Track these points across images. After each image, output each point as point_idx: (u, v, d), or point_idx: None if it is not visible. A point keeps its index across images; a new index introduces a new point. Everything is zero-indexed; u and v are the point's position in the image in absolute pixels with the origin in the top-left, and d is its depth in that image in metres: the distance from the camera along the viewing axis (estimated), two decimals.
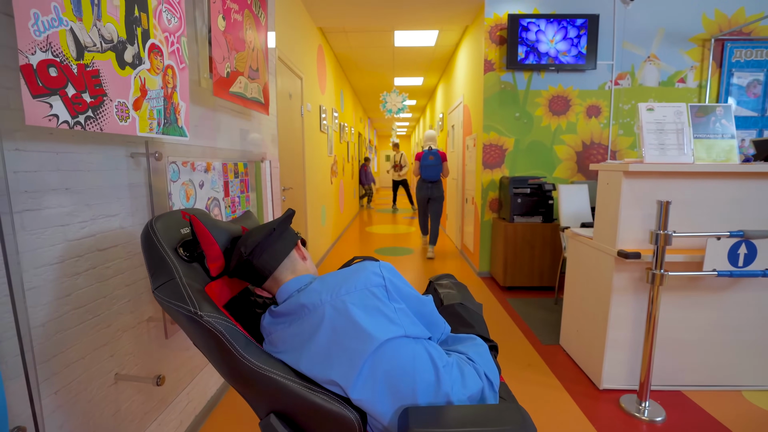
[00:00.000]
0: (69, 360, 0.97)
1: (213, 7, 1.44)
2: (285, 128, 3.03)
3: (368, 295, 0.79)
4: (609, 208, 1.78)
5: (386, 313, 0.78)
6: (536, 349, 2.26)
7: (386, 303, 0.80)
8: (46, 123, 0.77)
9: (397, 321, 0.79)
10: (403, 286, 0.85)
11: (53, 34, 0.78)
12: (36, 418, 0.79)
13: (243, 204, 1.88)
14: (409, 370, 0.77)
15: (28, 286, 0.86)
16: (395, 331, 0.77)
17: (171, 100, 1.18)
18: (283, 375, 0.76)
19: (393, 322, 0.78)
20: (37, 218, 0.88)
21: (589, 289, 1.96)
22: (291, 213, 0.94)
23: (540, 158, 3.51)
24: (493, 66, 3.41)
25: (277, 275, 0.88)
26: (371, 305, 0.78)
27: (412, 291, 0.87)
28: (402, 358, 0.77)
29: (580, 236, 2.05)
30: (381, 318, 0.78)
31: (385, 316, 0.78)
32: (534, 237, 3.18)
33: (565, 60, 3.29)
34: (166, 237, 0.87)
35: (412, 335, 0.80)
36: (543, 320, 2.66)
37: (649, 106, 1.70)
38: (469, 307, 1.15)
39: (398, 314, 0.80)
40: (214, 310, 0.75)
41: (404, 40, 4.69)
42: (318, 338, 0.77)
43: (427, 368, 0.79)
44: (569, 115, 3.45)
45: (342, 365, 0.75)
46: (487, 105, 3.46)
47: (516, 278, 3.23)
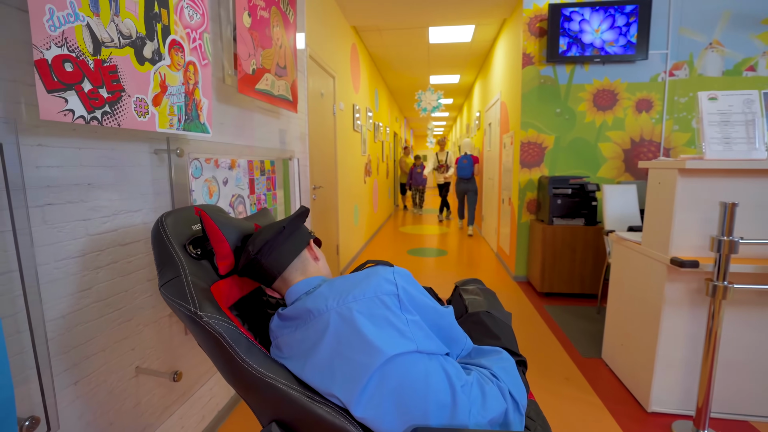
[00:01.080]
0: (89, 352, 0.99)
1: (238, 4, 1.44)
2: (316, 127, 3.03)
3: (378, 304, 0.73)
4: (661, 210, 1.60)
5: (397, 325, 0.71)
6: (575, 362, 2.09)
7: (398, 314, 0.73)
8: (61, 118, 0.78)
9: (408, 334, 0.72)
10: (419, 296, 0.78)
11: (69, 30, 0.78)
12: (47, 409, 0.80)
13: (269, 201, 1.88)
14: (420, 390, 0.69)
15: (48, 279, 0.88)
16: (406, 346, 0.70)
17: (193, 97, 1.18)
18: (285, 383, 0.71)
19: (404, 336, 0.71)
20: (59, 212, 0.90)
21: (636, 299, 1.77)
22: (303, 211, 0.90)
23: (583, 157, 3.27)
24: (532, 60, 3.22)
25: (287, 276, 0.83)
26: (380, 315, 0.72)
27: (429, 301, 0.79)
28: (413, 376, 0.69)
29: (627, 241, 1.86)
30: (390, 330, 0.71)
31: (396, 329, 0.71)
32: (575, 240, 2.96)
33: (612, 51, 3.04)
34: (176, 233, 0.85)
35: (425, 350, 0.73)
36: (583, 330, 2.46)
37: (712, 95, 1.51)
38: (497, 316, 1.05)
39: (411, 327, 0.73)
40: (215, 311, 0.72)
41: (439, 37, 4.58)
42: (321, 347, 0.71)
43: (442, 388, 0.71)
44: (616, 110, 3.19)
45: (345, 379, 0.69)
46: (525, 101, 3.28)
47: (554, 284, 3.03)
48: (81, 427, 0.96)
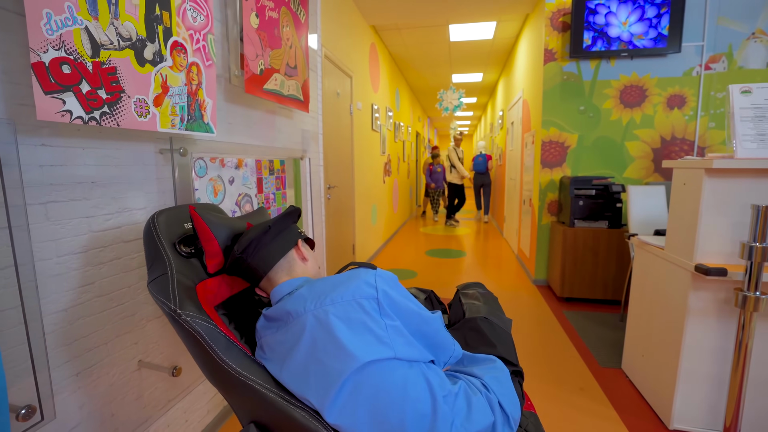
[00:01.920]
0: (91, 344, 1.03)
1: (245, 5, 1.45)
2: (332, 126, 3.04)
3: (355, 307, 0.71)
4: (685, 213, 1.49)
5: (374, 330, 0.69)
6: (592, 372, 1.99)
7: (376, 318, 0.71)
8: (58, 118, 0.81)
9: (386, 340, 0.69)
10: (402, 300, 0.75)
11: (67, 33, 0.81)
12: (41, 399, 0.83)
13: (279, 201, 1.90)
14: (397, 399, 0.67)
15: (51, 273, 0.92)
16: (382, 352, 0.68)
17: (196, 97, 1.20)
18: (263, 384, 0.71)
19: (381, 342, 0.69)
20: (62, 209, 0.94)
21: (659, 307, 1.66)
22: (292, 210, 0.89)
23: (608, 156, 3.12)
24: (555, 55, 3.10)
25: (272, 276, 0.83)
26: (357, 320, 0.70)
27: (414, 306, 0.77)
28: (389, 384, 0.67)
29: (649, 245, 1.75)
30: (367, 335, 0.69)
31: (373, 334, 0.69)
32: (597, 244, 2.83)
33: (641, 44, 2.88)
34: (167, 231, 0.86)
35: (405, 357, 0.70)
36: (603, 338, 2.34)
37: (745, 88, 1.39)
38: (495, 322, 1.01)
39: (389, 332, 0.70)
40: (195, 310, 0.72)
41: (460, 34, 4.50)
42: (298, 350, 0.70)
43: (422, 397, 0.68)
44: (645, 107, 3.02)
45: (318, 384, 0.67)
46: (546, 98, 3.16)
47: (575, 289, 2.91)
48: (82, 417, 1.00)
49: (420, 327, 0.76)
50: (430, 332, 0.77)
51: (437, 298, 1.28)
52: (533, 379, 1.92)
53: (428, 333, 0.77)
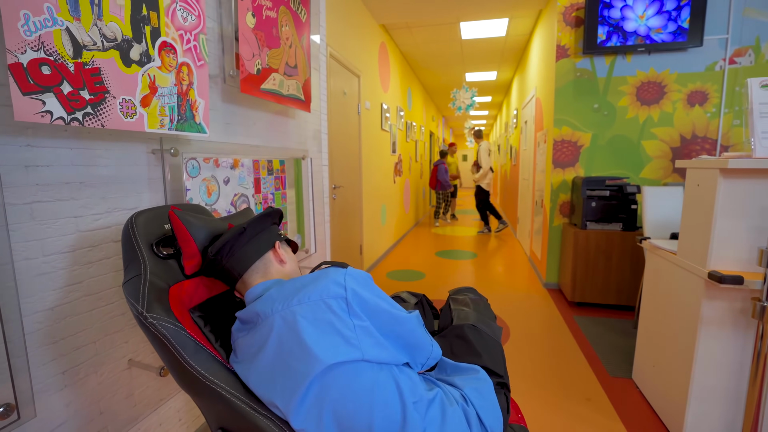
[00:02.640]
0: (79, 343, 1.03)
1: (241, 5, 1.45)
2: (338, 126, 3.03)
3: (323, 307, 0.68)
4: (699, 216, 1.40)
5: (341, 331, 0.66)
6: (600, 381, 1.90)
7: (344, 319, 0.68)
8: (38, 119, 0.81)
9: (354, 341, 0.66)
10: (373, 299, 0.72)
11: (46, 34, 0.81)
12: (17, 398, 0.84)
13: (278, 201, 1.89)
14: (364, 403, 0.64)
15: (37, 272, 0.93)
16: (349, 354, 0.65)
17: (187, 97, 1.20)
18: (229, 390, 0.69)
19: (348, 343, 0.66)
20: (48, 209, 0.95)
21: (671, 315, 1.57)
22: (270, 211, 0.88)
23: (623, 156, 3.00)
24: (567, 52, 3.00)
25: (247, 278, 0.81)
26: (324, 320, 0.67)
27: (386, 305, 0.73)
28: (356, 387, 0.64)
29: (661, 250, 1.66)
30: (334, 336, 0.66)
31: (340, 335, 0.66)
32: (611, 247, 2.72)
33: (660, 38, 2.75)
34: (146, 232, 0.86)
35: (374, 359, 0.67)
36: (614, 346, 2.24)
37: (765, 82, 1.29)
38: (483, 330, 0.97)
39: (357, 333, 0.67)
40: (164, 313, 0.71)
41: (472, 32, 4.42)
42: (264, 353, 0.68)
43: (391, 402, 0.65)
44: (663, 105, 2.89)
45: (284, 387, 0.65)
46: (559, 96, 3.06)
47: (586, 293, 2.81)
48: (68, 415, 1.01)
49: (393, 327, 0.72)
50: (404, 332, 0.73)
51: (429, 303, 1.24)
52: (536, 387, 1.86)
53: (402, 333, 0.73)
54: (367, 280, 0.76)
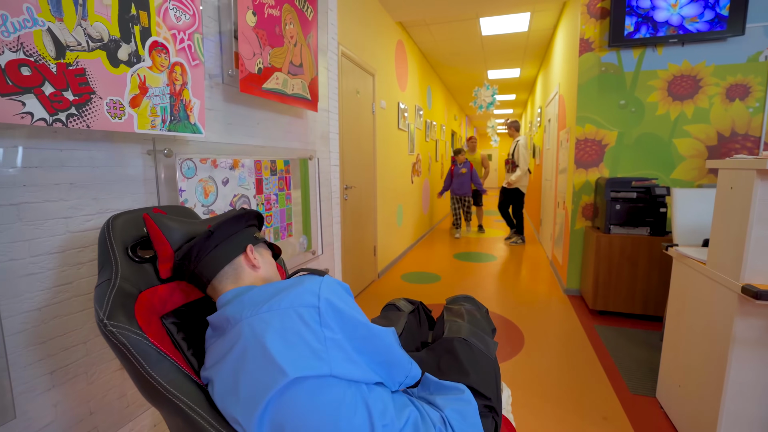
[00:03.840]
0: (68, 344, 1.04)
1: (240, 3, 1.43)
2: (351, 125, 3.00)
3: (293, 316, 0.63)
4: (732, 223, 1.26)
5: (310, 343, 0.61)
6: (620, 399, 1.77)
7: (315, 330, 0.63)
8: (18, 120, 0.81)
9: (322, 354, 0.61)
10: (349, 312, 0.67)
11: (26, 35, 0.80)
12: None
13: (282, 202, 1.87)
14: (328, 423, 0.59)
15: (24, 273, 0.93)
16: (316, 368, 0.60)
17: (180, 97, 1.19)
18: (189, 404, 0.65)
19: (317, 356, 0.61)
20: (36, 210, 0.95)
21: (699, 332, 1.43)
22: (243, 212, 0.84)
23: (653, 155, 2.80)
24: (591, 45, 2.83)
25: (216, 284, 0.78)
26: (293, 330, 0.62)
27: (362, 319, 0.68)
28: (320, 405, 0.59)
29: (689, 258, 1.52)
30: (302, 348, 0.61)
31: (309, 347, 0.61)
32: (637, 253, 2.54)
33: (695, 28, 2.55)
34: (123, 235, 0.84)
35: (343, 376, 0.62)
36: (638, 360, 2.09)
37: None
38: (475, 345, 0.89)
39: (327, 345, 0.62)
40: (126, 320, 0.68)
41: (492, 28, 4.28)
42: (229, 360, 0.64)
43: (358, 424, 0.60)
44: (698, 100, 2.68)
45: (246, 400, 0.61)
46: (582, 92, 2.90)
47: (609, 301, 2.64)
48: (56, 415, 1.01)
49: (368, 342, 0.67)
50: (380, 348, 0.68)
51: (426, 312, 1.17)
52: (547, 402, 1.75)
53: (378, 349, 0.67)
54: (344, 291, 0.70)
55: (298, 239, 2.06)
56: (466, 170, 5.39)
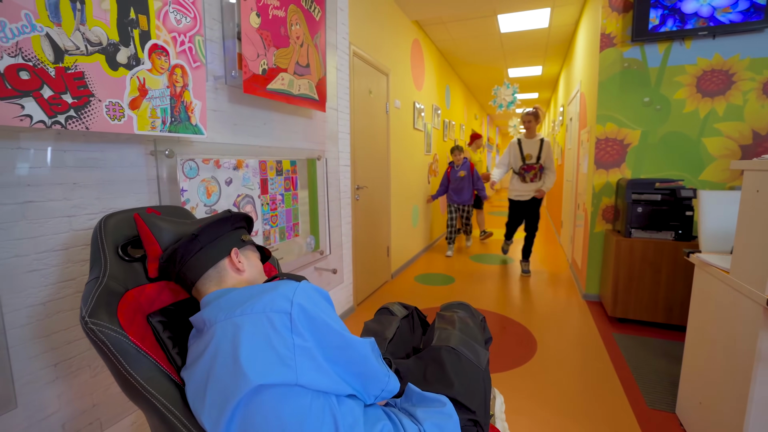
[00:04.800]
0: (71, 337, 1.07)
1: (244, 5, 1.44)
2: (363, 125, 2.99)
3: (263, 321, 0.62)
4: (757, 229, 1.17)
5: (278, 349, 0.60)
6: (636, 413, 1.68)
7: (284, 336, 0.61)
8: (17, 123, 0.84)
9: (290, 362, 0.60)
10: (323, 319, 0.65)
11: (24, 40, 0.84)
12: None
13: (288, 202, 1.88)
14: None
15: (28, 269, 0.97)
16: (282, 376, 0.59)
17: (181, 99, 1.21)
18: (164, 402, 0.66)
19: (284, 363, 0.60)
20: (40, 209, 0.99)
21: (721, 346, 1.34)
22: (228, 215, 0.84)
23: (679, 155, 2.65)
24: (613, 41, 2.71)
25: (200, 286, 0.78)
26: (262, 335, 0.61)
27: (337, 327, 0.66)
28: (285, 415, 0.58)
29: (712, 266, 1.42)
30: (269, 354, 0.60)
31: (276, 353, 0.60)
32: (659, 258, 2.41)
33: (727, 19, 2.39)
34: (115, 235, 0.86)
35: (310, 386, 0.60)
36: (659, 372, 1.98)
37: None
38: (464, 355, 0.86)
39: (296, 353, 0.61)
40: (107, 318, 0.69)
41: (511, 25, 4.17)
42: (201, 363, 0.64)
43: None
44: (731, 96, 2.51)
45: (212, 404, 0.60)
46: (602, 90, 2.78)
47: (630, 309, 2.51)
48: (60, 405, 1.05)
49: (342, 352, 0.65)
50: (355, 359, 0.66)
51: (421, 317, 1.15)
52: (556, 414, 1.68)
53: (353, 359, 0.66)
54: (320, 298, 0.69)
55: (306, 239, 2.06)
56: (465, 173, 4.36)
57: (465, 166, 4.39)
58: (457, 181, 4.43)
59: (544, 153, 3.45)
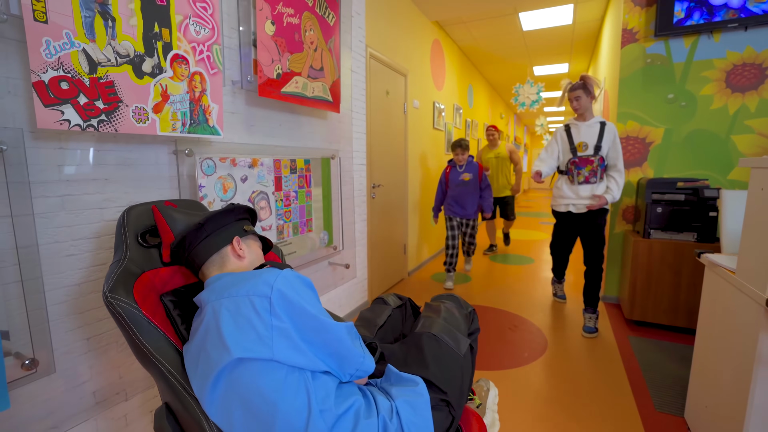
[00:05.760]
0: (102, 315, 1.22)
1: (259, 14, 1.55)
2: (380, 125, 3.07)
3: (246, 303, 0.71)
4: (761, 228, 1.14)
5: (258, 329, 0.69)
6: (642, 415, 1.65)
7: (263, 317, 0.70)
8: (57, 126, 0.97)
9: (267, 341, 0.68)
10: (302, 304, 0.73)
11: (65, 55, 0.97)
12: (35, 353, 1.01)
13: (302, 198, 1.99)
14: (269, 403, 0.65)
15: (66, 254, 1.11)
16: (259, 352, 0.67)
17: (200, 103, 1.33)
18: (170, 369, 0.76)
19: (262, 341, 0.68)
20: (77, 201, 1.13)
21: (726, 349, 1.31)
22: (232, 208, 0.94)
23: (706, 154, 2.55)
24: (635, 36, 2.64)
25: (205, 269, 0.88)
26: (245, 315, 0.70)
27: (313, 311, 0.73)
28: (262, 386, 0.66)
29: (720, 267, 1.39)
30: (250, 333, 0.68)
31: (256, 332, 0.68)
32: (680, 260, 2.33)
33: (761, 9, 2.28)
34: (136, 223, 0.98)
35: (284, 362, 0.68)
36: (672, 376, 1.93)
37: None
38: (444, 341, 0.91)
39: (273, 333, 0.69)
40: (125, 295, 0.81)
41: (533, 23, 4.12)
42: (195, 337, 0.74)
43: (297, 407, 0.66)
44: (764, 91, 2.39)
45: (201, 373, 0.70)
46: (624, 87, 2.71)
47: (647, 311, 2.45)
48: (91, 375, 1.19)
49: (318, 333, 0.72)
50: (330, 340, 0.73)
51: (414, 308, 1.21)
52: (561, 413, 1.68)
53: (328, 341, 0.73)
54: (301, 285, 0.76)
55: (319, 234, 2.16)
56: (470, 176, 3.20)
57: (471, 168, 3.24)
58: (459, 187, 3.25)
59: (606, 141, 2.28)
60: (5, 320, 0.96)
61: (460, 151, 3.22)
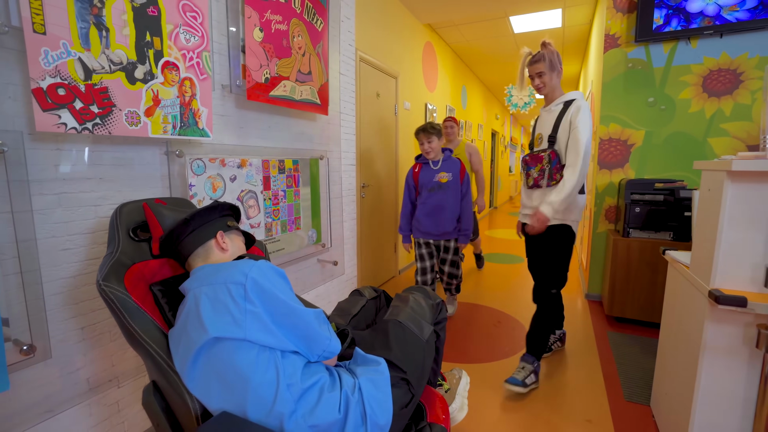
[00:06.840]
0: (96, 306, 1.29)
1: (248, 22, 1.63)
2: (370, 126, 3.15)
3: (223, 290, 0.79)
4: (708, 225, 1.23)
5: (232, 312, 0.77)
6: (611, 404, 1.74)
7: (238, 302, 0.78)
8: (55, 129, 1.05)
9: (241, 323, 0.76)
10: (273, 291, 0.81)
11: (62, 64, 1.05)
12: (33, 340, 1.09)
13: (290, 197, 2.07)
14: (243, 378, 0.74)
15: (62, 248, 1.19)
16: (233, 332, 0.75)
17: (189, 107, 1.41)
18: (157, 350, 0.84)
19: (236, 323, 0.76)
20: (72, 199, 1.21)
21: (680, 339, 1.40)
22: (216, 204, 1.02)
23: (685, 156, 2.64)
24: (617, 41, 2.72)
25: (191, 261, 0.96)
26: (222, 300, 0.78)
27: (284, 297, 0.82)
28: (236, 363, 0.74)
29: (678, 263, 1.48)
30: (225, 316, 0.77)
31: (231, 315, 0.77)
32: (657, 259, 2.42)
33: (735, 17, 2.37)
34: (128, 219, 1.06)
35: (256, 341, 0.76)
36: (643, 369, 2.01)
37: None
38: (409, 327, 1.00)
39: (246, 316, 0.77)
40: (116, 283, 0.89)
41: (524, 25, 4.20)
42: (179, 323, 0.82)
43: (267, 381, 0.74)
44: (738, 95, 2.47)
45: (183, 352, 0.78)
46: (606, 91, 2.80)
47: (626, 308, 2.54)
48: (85, 362, 1.27)
49: (287, 318, 0.81)
50: (298, 324, 0.81)
51: (387, 299, 1.29)
52: (532, 400, 1.77)
53: (297, 324, 0.81)
54: (274, 275, 0.84)
55: (307, 232, 2.24)
56: (449, 177, 2.29)
57: (451, 166, 2.31)
58: (433, 193, 2.29)
59: (563, 128, 1.70)
60: (5, 308, 1.04)
61: (425, 137, 2.22)
